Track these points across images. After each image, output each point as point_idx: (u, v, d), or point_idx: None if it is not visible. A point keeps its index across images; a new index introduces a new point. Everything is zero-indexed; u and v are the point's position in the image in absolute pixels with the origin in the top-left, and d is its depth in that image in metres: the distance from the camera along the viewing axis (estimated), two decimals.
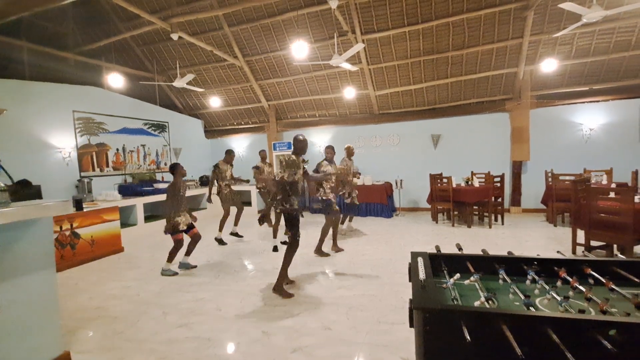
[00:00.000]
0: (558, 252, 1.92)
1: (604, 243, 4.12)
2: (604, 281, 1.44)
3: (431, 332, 1.14)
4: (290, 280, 3.81)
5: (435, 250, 1.84)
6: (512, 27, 6.58)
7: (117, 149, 7.78)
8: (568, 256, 1.70)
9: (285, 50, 7.87)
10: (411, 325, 1.28)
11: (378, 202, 7.74)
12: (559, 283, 1.52)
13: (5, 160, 3.55)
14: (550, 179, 6.48)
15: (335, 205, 4.87)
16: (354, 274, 4.04)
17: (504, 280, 1.57)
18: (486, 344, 1.11)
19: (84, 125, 7.04)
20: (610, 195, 4.04)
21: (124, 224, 6.41)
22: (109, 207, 5.67)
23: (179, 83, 6.70)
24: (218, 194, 5.86)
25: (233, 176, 5.99)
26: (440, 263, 1.73)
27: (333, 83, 8.53)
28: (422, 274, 1.40)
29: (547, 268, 1.61)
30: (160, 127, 9.00)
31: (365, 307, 3.14)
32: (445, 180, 6.55)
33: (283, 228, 5.56)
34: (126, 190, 7.27)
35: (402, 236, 5.89)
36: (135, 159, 8.23)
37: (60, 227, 4.87)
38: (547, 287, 1.44)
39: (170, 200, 4.34)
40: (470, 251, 1.87)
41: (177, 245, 4.34)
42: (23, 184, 5.18)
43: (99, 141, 7.36)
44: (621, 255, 1.79)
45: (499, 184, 6.67)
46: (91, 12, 8.10)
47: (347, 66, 5.82)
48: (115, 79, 6.73)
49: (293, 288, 3.66)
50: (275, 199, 3.57)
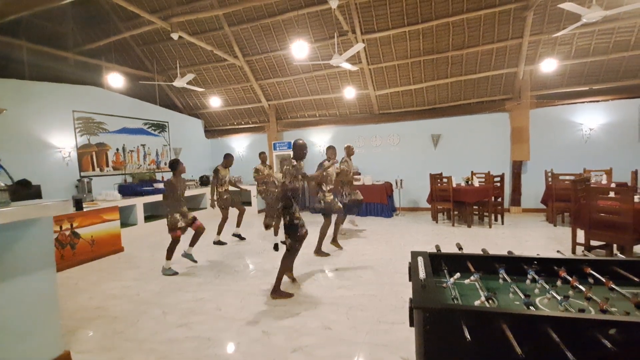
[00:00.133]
0: (558, 251, 1.92)
1: (604, 243, 4.13)
2: (604, 280, 1.45)
3: (431, 332, 1.14)
4: (293, 279, 3.84)
5: (435, 250, 1.84)
6: (512, 27, 6.59)
7: (117, 149, 7.77)
8: (568, 256, 1.70)
9: (286, 50, 7.86)
10: (411, 325, 1.28)
11: (378, 202, 7.74)
12: (559, 282, 1.52)
13: (5, 160, 3.55)
14: (550, 179, 6.48)
15: (337, 204, 4.89)
16: (354, 274, 4.04)
17: (504, 279, 1.58)
18: (486, 343, 1.11)
19: (83, 125, 7.04)
20: (610, 195, 4.04)
21: (124, 224, 6.41)
22: (108, 207, 5.67)
23: (179, 83, 6.70)
24: (217, 200, 5.81)
25: (231, 181, 5.98)
26: (441, 262, 1.73)
27: (333, 83, 8.53)
28: (422, 274, 1.40)
29: (547, 267, 1.61)
30: (160, 127, 9.00)
31: (365, 307, 3.14)
32: (445, 180, 6.55)
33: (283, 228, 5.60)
34: (126, 190, 7.27)
35: (402, 236, 5.89)
36: (135, 159, 8.22)
37: (60, 227, 4.87)
38: (547, 287, 1.45)
39: (168, 197, 4.36)
40: (470, 251, 1.87)
41: (174, 242, 4.34)
42: (23, 183, 5.18)
43: (98, 141, 7.35)
44: (621, 255, 1.79)
45: (499, 184, 6.67)
46: (91, 12, 8.10)
47: (347, 66, 5.82)
48: (115, 79, 6.73)
49: (294, 288, 3.66)
50: (277, 205, 3.53)
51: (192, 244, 4.63)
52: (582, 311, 1.20)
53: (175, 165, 4.42)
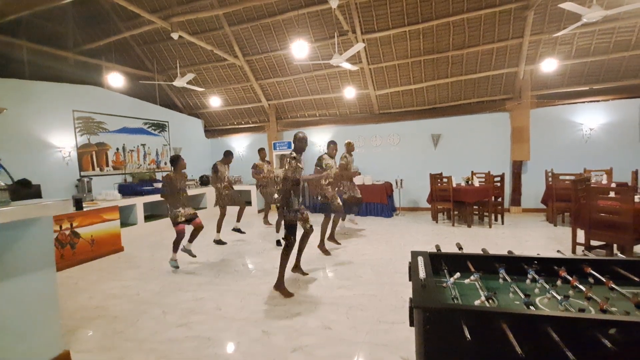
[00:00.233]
0: (558, 251, 1.92)
1: (604, 242, 4.13)
2: (604, 280, 1.45)
3: (431, 331, 1.14)
4: (304, 272, 3.95)
5: (435, 250, 1.84)
6: (512, 27, 6.58)
7: (117, 149, 7.77)
8: (568, 255, 1.70)
9: (286, 49, 7.86)
10: (411, 325, 1.28)
11: (378, 201, 7.74)
12: (559, 282, 1.52)
13: (5, 160, 3.55)
14: (550, 179, 6.48)
15: (337, 200, 4.94)
16: (354, 274, 4.04)
17: (504, 279, 1.57)
18: (486, 343, 1.11)
19: (83, 125, 7.04)
20: (610, 195, 4.04)
21: (124, 224, 6.40)
22: (108, 207, 5.67)
23: (179, 82, 6.70)
24: (217, 197, 5.87)
25: (229, 179, 5.99)
26: (441, 262, 1.73)
27: (333, 83, 8.53)
28: (422, 273, 1.40)
29: (547, 267, 1.61)
30: (160, 127, 8.99)
31: (365, 307, 3.14)
32: (445, 180, 6.55)
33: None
34: (126, 190, 7.27)
35: (402, 236, 5.89)
36: (135, 159, 8.22)
37: (60, 227, 4.87)
38: (547, 287, 1.44)
39: (167, 192, 4.42)
40: (471, 251, 1.87)
41: (179, 235, 4.46)
42: (23, 183, 5.17)
43: (98, 140, 7.35)
44: (621, 255, 1.79)
45: (499, 184, 6.67)
46: (91, 12, 8.09)
47: (348, 66, 5.82)
48: (115, 79, 6.72)
49: (294, 287, 3.66)
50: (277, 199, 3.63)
51: (191, 240, 4.71)
52: (582, 311, 1.20)
53: (175, 161, 4.54)
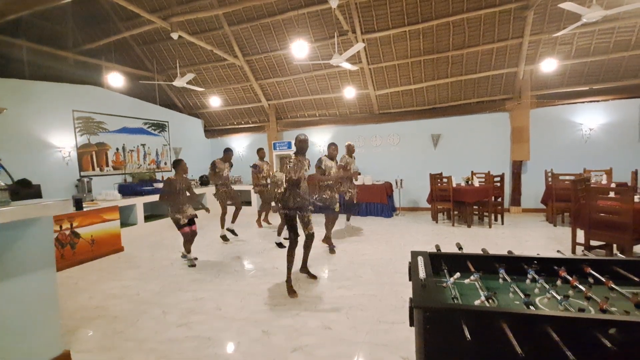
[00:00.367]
0: (558, 251, 1.92)
1: (604, 243, 4.13)
2: (604, 280, 1.45)
3: (431, 331, 1.14)
4: (312, 275, 3.96)
5: (435, 250, 1.84)
6: (512, 27, 6.58)
7: (117, 149, 7.77)
8: (568, 255, 1.70)
9: (286, 49, 7.86)
10: (411, 324, 1.28)
11: (378, 201, 7.74)
12: (558, 282, 1.52)
13: (5, 160, 3.55)
14: (550, 179, 6.48)
15: (336, 201, 4.96)
16: (354, 274, 4.04)
17: (504, 279, 1.57)
18: (486, 343, 1.11)
19: (83, 125, 7.04)
20: (609, 195, 4.04)
21: (124, 224, 6.40)
22: (108, 207, 5.67)
23: (179, 82, 6.70)
24: (215, 193, 5.93)
25: (228, 177, 6.00)
26: (441, 262, 1.73)
27: (333, 83, 8.53)
28: (422, 273, 1.40)
29: (547, 267, 1.61)
30: (160, 127, 8.99)
31: (365, 307, 3.14)
32: (445, 180, 6.55)
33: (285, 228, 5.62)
34: (126, 190, 7.27)
35: (402, 236, 5.89)
36: (135, 159, 8.22)
37: (60, 227, 4.87)
38: (547, 286, 1.44)
39: (167, 195, 4.46)
40: (470, 251, 1.87)
41: (185, 237, 4.59)
42: (23, 183, 5.18)
43: (98, 140, 7.35)
44: (621, 255, 1.79)
45: (498, 184, 6.67)
46: (91, 11, 8.09)
47: (347, 66, 5.82)
48: (115, 79, 6.72)
49: (294, 287, 3.65)
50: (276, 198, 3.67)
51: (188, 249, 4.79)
52: (582, 311, 1.20)
53: (176, 164, 4.64)
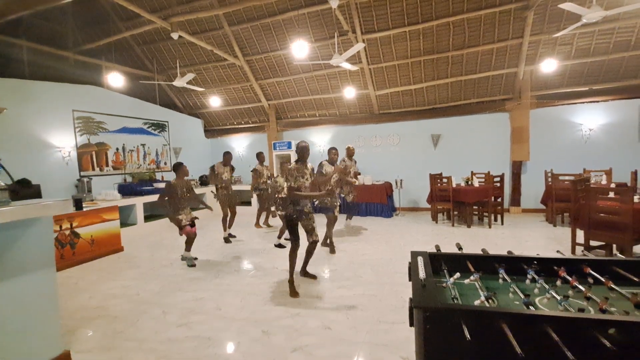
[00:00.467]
0: (558, 251, 1.92)
1: (604, 243, 4.13)
2: (603, 280, 1.45)
3: (431, 331, 1.15)
4: (312, 275, 3.96)
5: (435, 250, 1.84)
6: (512, 27, 6.59)
7: (117, 149, 7.77)
8: (567, 256, 1.70)
9: (286, 49, 7.86)
10: (411, 325, 1.28)
11: (378, 202, 7.74)
12: (558, 282, 1.52)
13: (5, 160, 3.55)
14: (549, 179, 6.48)
15: (336, 204, 4.95)
16: (354, 274, 4.04)
17: (504, 279, 1.58)
18: (486, 343, 1.11)
19: (83, 125, 7.04)
20: (609, 195, 4.04)
21: (124, 224, 6.40)
22: (108, 207, 5.67)
23: (179, 82, 6.70)
24: (215, 196, 5.95)
25: (227, 180, 5.99)
26: (440, 262, 1.73)
27: (333, 83, 8.53)
28: (422, 273, 1.40)
29: (546, 267, 1.61)
30: (160, 127, 8.99)
31: (365, 307, 3.14)
32: (445, 180, 6.55)
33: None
34: (126, 190, 7.27)
35: (402, 236, 5.89)
36: (135, 159, 8.22)
37: (60, 227, 4.87)
38: (547, 287, 1.45)
39: (167, 198, 4.48)
40: (470, 251, 1.87)
41: (188, 237, 4.60)
42: (23, 183, 5.19)
43: (98, 140, 7.35)
44: (620, 255, 1.79)
45: (498, 184, 6.67)
46: (91, 11, 8.09)
47: (348, 66, 5.82)
48: (115, 78, 6.73)
49: (302, 287, 3.66)
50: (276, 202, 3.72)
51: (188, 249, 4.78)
52: (582, 311, 1.20)
53: (177, 168, 4.65)
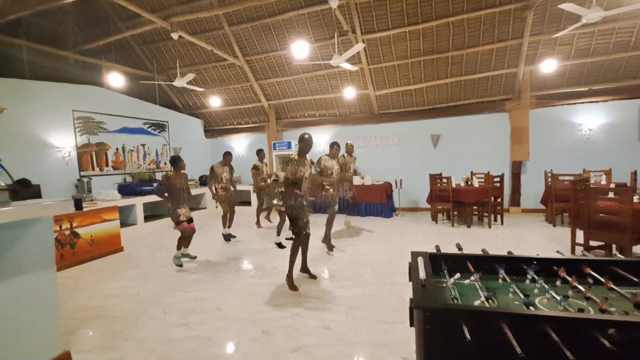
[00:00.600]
0: (557, 251, 1.93)
1: (603, 243, 4.13)
2: (603, 281, 1.45)
3: (431, 331, 1.15)
4: (312, 275, 3.97)
5: (435, 250, 1.85)
6: (512, 27, 6.59)
7: (117, 149, 7.77)
8: (567, 256, 1.71)
9: (286, 49, 7.86)
10: (411, 325, 1.28)
11: (378, 202, 7.74)
12: (558, 282, 1.52)
13: (5, 160, 3.55)
14: (549, 179, 6.49)
15: (335, 201, 4.97)
16: (354, 274, 4.04)
17: (504, 279, 1.58)
18: (486, 343, 1.11)
19: (83, 125, 7.03)
20: (609, 196, 4.04)
21: (124, 224, 6.40)
22: (108, 207, 5.67)
23: (179, 82, 6.70)
24: (214, 195, 5.93)
25: (232, 180, 6.03)
26: (440, 263, 1.73)
27: (333, 83, 8.53)
28: (422, 274, 1.40)
29: (546, 268, 1.61)
30: (160, 127, 8.99)
31: (365, 307, 3.14)
32: (444, 181, 6.56)
33: (285, 228, 5.62)
34: (126, 190, 7.27)
35: (401, 236, 5.89)
36: (135, 159, 8.22)
37: (60, 227, 4.87)
38: (547, 287, 1.45)
39: (164, 192, 4.42)
40: (470, 251, 1.87)
41: (183, 234, 4.55)
42: (23, 183, 5.18)
43: (98, 140, 7.35)
44: (620, 255, 1.79)
45: (498, 184, 6.67)
46: (91, 11, 8.09)
47: (347, 66, 5.82)
48: (115, 78, 6.73)
49: (302, 284, 3.66)
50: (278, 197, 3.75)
51: (186, 245, 4.76)
52: (582, 311, 1.20)
53: (174, 161, 4.55)
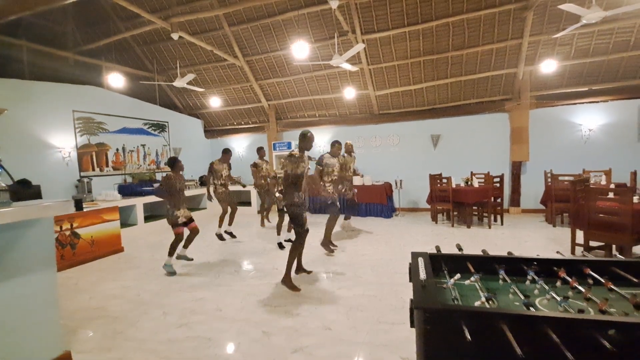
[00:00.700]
0: (557, 252, 1.93)
1: (603, 243, 4.13)
2: (603, 281, 1.45)
3: (432, 332, 1.15)
4: (307, 271, 3.99)
5: (435, 251, 1.85)
6: (511, 27, 6.59)
7: (117, 149, 7.77)
8: (567, 256, 1.71)
9: (286, 50, 7.87)
10: (412, 325, 1.29)
11: (378, 202, 7.74)
12: (558, 283, 1.53)
13: (6, 160, 3.55)
14: (549, 180, 6.49)
15: (337, 201, 4.96)
16: (354, 274, 4.04)
17: (504, 280, 1.58)
18: (486, 344, 1.11)
19: (83, 125, 7.04)
20: (609, 196, 4.05)
21: (124, 224, 6.40)
22: (108, 207, 5.67)
23: (179, 83, 6.71)
24: (214, 193, 5.94)
25: (231, 176, 6.04)
26: (441, 263, 1.73)
27: (333, 83, 8.53)
28: (422, 274, 1.41)
29: (546, 268, 1.61)
30: (160, 127, 8.99)
31: (365, 307, 3.15)
32: (444, 181, 6.56)
33: (285, 227, 5.62)
34: (126, 190, 7.27)
35: (401, 236, 5.89)
36: (135, 159, 8.22)
37: (60, 227, 4.87)
38: (547, 287, 1.45)
39: (165, 192, 4.38)
40: (470, 251, 1.87)
41: (177, 238, 4.41)
42: (23, 183, 5.18)
43: (98, 141, 7.35)
44: (620, 256, 1.80)
45: (498, 185, 6.67)
46: (91, 12, 8.10)
47: (347, 66, 5.82)
48: (115, 79, 6.73)
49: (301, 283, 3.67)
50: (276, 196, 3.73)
51: (186, 246, 4.66)
52: (582, 312, 1.20)
53: (173, 162, 4.50)
